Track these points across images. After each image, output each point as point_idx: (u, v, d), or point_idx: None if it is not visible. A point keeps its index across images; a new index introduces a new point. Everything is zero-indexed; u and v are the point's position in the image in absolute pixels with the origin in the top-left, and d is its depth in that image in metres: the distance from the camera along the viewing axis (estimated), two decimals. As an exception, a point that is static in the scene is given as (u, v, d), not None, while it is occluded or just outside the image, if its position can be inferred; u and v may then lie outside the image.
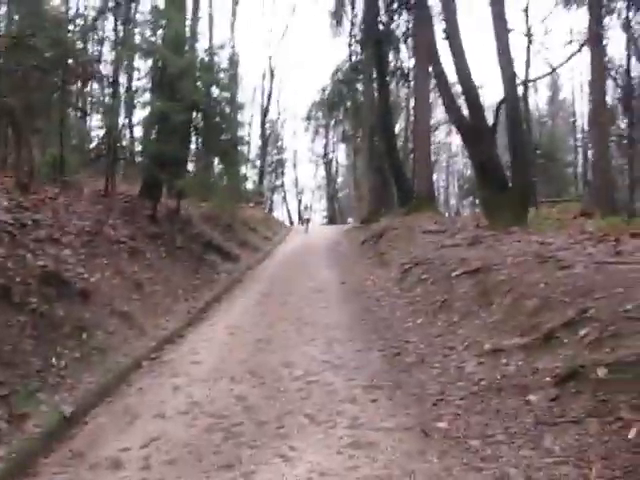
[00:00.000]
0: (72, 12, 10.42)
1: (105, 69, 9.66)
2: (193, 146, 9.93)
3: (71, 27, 8.92)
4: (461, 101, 10.02)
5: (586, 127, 20.33)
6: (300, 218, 32.00)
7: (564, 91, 39.16)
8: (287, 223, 31.67)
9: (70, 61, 7.89)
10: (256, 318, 5.66)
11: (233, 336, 4.92)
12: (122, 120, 9.41)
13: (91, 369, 3.62)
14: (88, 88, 11.01)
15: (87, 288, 4.54)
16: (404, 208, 13.29)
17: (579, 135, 26.77)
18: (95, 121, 12.48)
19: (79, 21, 9.87)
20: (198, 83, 8.47)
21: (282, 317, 5.60)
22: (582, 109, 27.02)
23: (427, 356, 3.84)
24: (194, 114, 8.63)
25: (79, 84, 9.56)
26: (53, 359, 3.44)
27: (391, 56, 18.29)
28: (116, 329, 4.43)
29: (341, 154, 45.22)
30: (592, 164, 14.30)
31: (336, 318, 5.47)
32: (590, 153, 18.38)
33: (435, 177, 28.16)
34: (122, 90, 9.71)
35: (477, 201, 20.16)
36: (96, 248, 5.53)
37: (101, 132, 10.78)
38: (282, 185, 40.86)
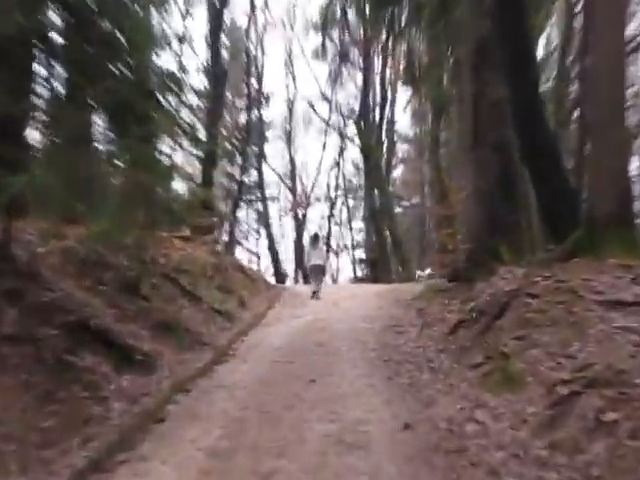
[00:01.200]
0: None
1: None
2: (46, 92, 10.20)
3: None
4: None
5: None
6: (301, 268, 31.79)
7: None
8: (270, 277, 31.72)
9: None
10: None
11: None
12: None
13: None
14: None
15: None
16: (557, 245, 13.32)
17: None
18: None
19: None
20: None
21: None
22: None
23: None
24: (46, 11, 8.90)
25: None
26: None
27: None
28: None
29: (402, 116, 44.88)
30: None
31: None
32: None
33: (636, 171, 28.18)
34: None
35: None
36: None
37: None
38: (260, 187, 41.00)
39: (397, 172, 46.13)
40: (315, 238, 27.31)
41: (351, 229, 53.46)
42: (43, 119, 10.64)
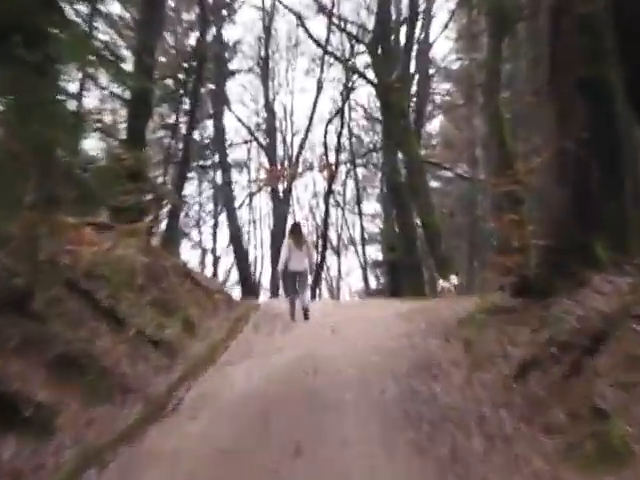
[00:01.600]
0: None
1: None
2: None
3: None
4: None
5: None
6: (280, 274, 32.10)
7: None
8: (234, 288, 31.83)
9: None
10: None
11: None
12: None
13: None
14: None
15: None
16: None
17: None
18: None
19: None
20: None
21: None
22: None
23: None
24: None
25: None
26: None
27: None
28: None
29: (441, 38, 45.45)
30: None
31: None
32: None
33: None
34: None
35: None
36: None
37: None
38: (219, 148, 41.26)
39: (433, 125, 46.27)
40: (296, 230, 26.03)
41: (361, 214, 53.88)
42: None
